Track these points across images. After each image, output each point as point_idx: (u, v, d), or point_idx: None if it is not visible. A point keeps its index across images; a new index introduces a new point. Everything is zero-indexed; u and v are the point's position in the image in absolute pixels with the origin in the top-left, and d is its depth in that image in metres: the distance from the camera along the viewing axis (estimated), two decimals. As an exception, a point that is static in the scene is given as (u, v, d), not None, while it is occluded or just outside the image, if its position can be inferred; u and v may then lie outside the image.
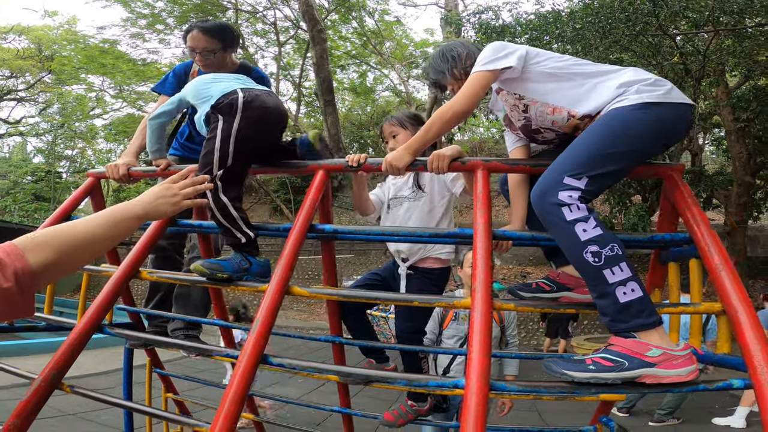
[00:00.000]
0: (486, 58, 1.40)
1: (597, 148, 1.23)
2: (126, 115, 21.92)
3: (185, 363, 6.23)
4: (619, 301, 1.13)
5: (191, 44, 2.18)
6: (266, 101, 1.65)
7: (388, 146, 1.96)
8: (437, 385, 1.16)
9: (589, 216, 1.16)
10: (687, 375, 1.10)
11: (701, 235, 1.33)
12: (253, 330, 1.22)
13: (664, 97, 1.26)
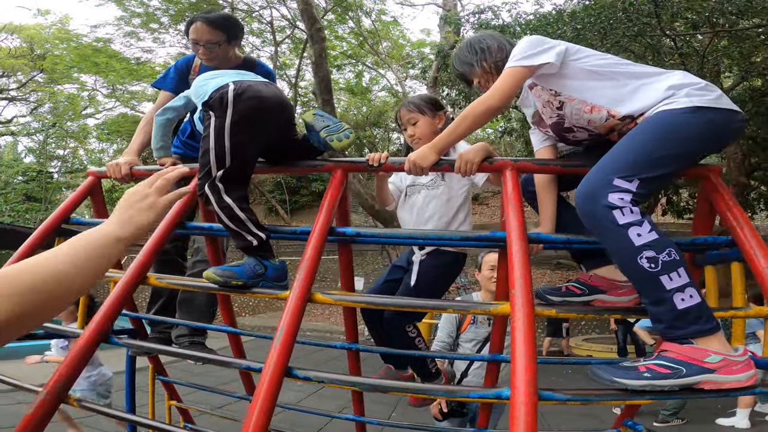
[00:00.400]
0: (522, 53, 1.35)
1: (648, 151, 1.18)
2: (119, 114, 21.62)
3: (180, 366, 6.11)
4: (677, 308, 1.07)
5: (194, 36, 2.10)
6: (261, 91, 1.53)
7: (407, 133, 1.86)
8: (479, 396, 1.08)
9: (643, 219, 1.11)
10: (747, 380, 1.06)
11: (745, 237, 1.28)
12: (277, 340, 1.14)
13: (715, 102, 1.23)
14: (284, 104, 1.61)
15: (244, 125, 1.47)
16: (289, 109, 1.66)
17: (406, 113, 1.85)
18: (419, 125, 1.82)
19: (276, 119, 1.56)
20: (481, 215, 19.47)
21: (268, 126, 1.54)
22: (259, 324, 11.51)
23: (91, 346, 1.39)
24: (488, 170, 1.48)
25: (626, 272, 1.15)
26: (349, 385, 1.16)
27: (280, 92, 1.63)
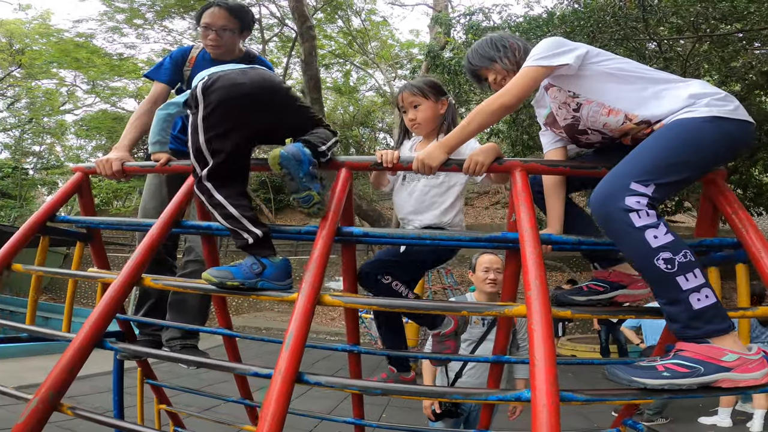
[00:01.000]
0: (541, 53, 1.35)
1: (666, 156, 1.19)
2: (99, 110, 21.08)
3: (164, 367, 5.96)
4: (692, 308, 1.09)
5: (208, 20, 2.05)
6: (235, 78, 1.43)
7: (407, 116, 1.81)
8: (498, 399, 1.07)
9: (659, 222, 1.12)
10: (762, 378, 1.08)
11: (751, 239, 1.29)
12: (287, 344, 1.10)
13: (733, 113, 1.25)
14: (264, 86, 1.46)
15: (217, 118, 1.40)
16: (276, 90, 1.50)
17: (408, 96, 1.80)
18: (421, 109, 1.78)
19: (256, 104, 1.45)
20: (466, 216, 19.57)
21: (248, 113, 1.43)
22: (242, 324, 11.34)
23: (85, 351, 1.32)
24: (497, 171, 1.47)
25: (643, 274, 1.16)
26: (360, 390, 1.13)
27: (262, 75, 1.49)
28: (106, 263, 2.08)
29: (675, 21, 6.82)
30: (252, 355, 7.53)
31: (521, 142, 8.51)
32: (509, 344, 2.65)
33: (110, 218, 1.97)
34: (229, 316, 1.98)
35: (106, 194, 21.74)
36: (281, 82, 1.54)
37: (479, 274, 2.51)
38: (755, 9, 6.13)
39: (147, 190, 2.33)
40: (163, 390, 2.57)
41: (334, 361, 7.48)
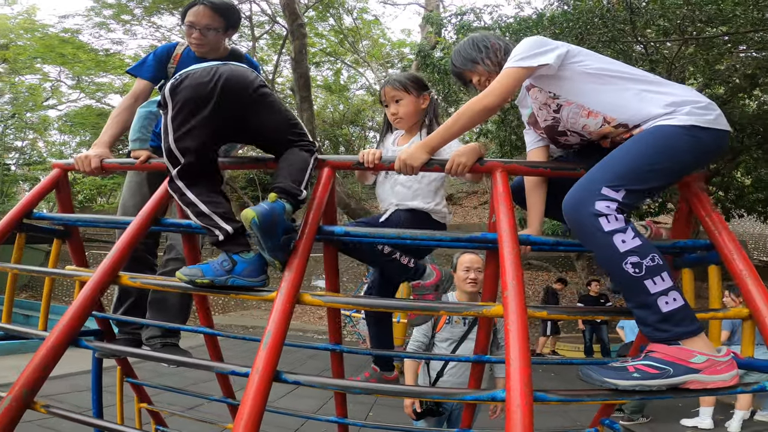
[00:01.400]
0: (522, 54, 1.34)
1: (640, 163, 1.20)
2: (84, 106, 20.74)
3: (146, 366, 5.89)
4: (661, 311, 1.10)
5: (192, 19, 2.01)
6: (201, 76, 1.40)
7: (389, 110, 1.82)
8: (474, 398, 1.08)
9: (627, 227, 1.13)
10: (730, 380, 1.10)
11: (724, 241, 1.32)
12: (265, 343, 1.10)
13: (713, 123, 1.25)
14: (232, 82, 1.42)
15: (183, 116, 1.39)
16: (245, 86, 1.45)
17: (390, 90, 1.81)
18: (403, 104, 1.79)
19: (222, 100, 1.41)
20: (454, 215, 19.70)
21: (213, 110, 1.40)
22: (229, 323, 11.25)
23: (59, 349, 1.30)
24: (479, 171, 1.48)
25: (612, 278, 1.17)
26: (339, 389, 1.13)
27: (232, 70, 1.45)
28: (84, 261, 2.05)
29: (662, 23, 6.93)
30: (237, 354, 7.47)
31: (509, 142, 8.58)
32: (490, 343, 2.68)
33: (88, 215, 1.94)
34: (210, 314, 1.96)
35: (90, 191, 21.39)
36: (254, 79, 1.49)
37: (460, 273, 2.52)
38: (741, 12, 6.21)
39: (127, 187, 2.30)
40: (144, 389, 2.54)
41: (321, 360, 7.46)
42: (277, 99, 1.54)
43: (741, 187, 11.83)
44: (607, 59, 1.40)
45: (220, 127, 1.46)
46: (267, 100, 1.51)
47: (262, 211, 1.23)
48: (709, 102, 1.30)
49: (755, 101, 10.64)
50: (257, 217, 1.22)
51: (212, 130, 1.44)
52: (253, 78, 1.48)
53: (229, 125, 1.49)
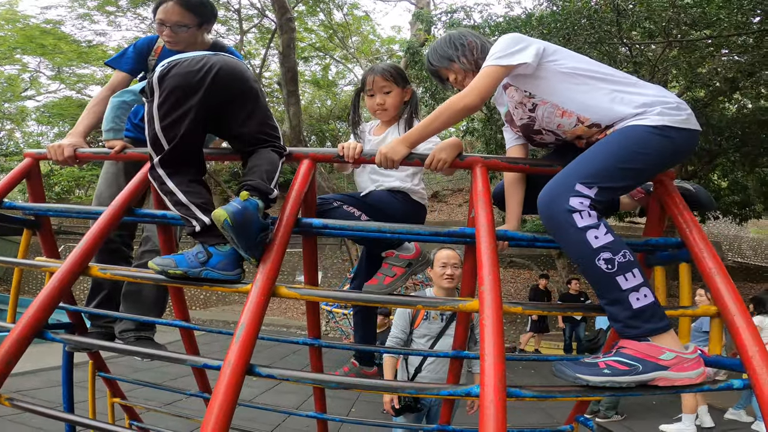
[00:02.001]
0: (499, 52, 1.34)
1: (612, 162, 1.22)
2: (63, 97, 20.27)
3: (122, 362, 5.78)
4: (632, 307, 1.11)
5: (162, 17, 1.95)
6: (191, 65, 1.37)
7: (375, 100, 1.80)
8: (449, 393, 1.07)
9: (600, 223, 1.14)
10: (697, 377, 1.11)
11: (694, 239, 1.33)
12: (238, 336, 1.08)
13: (684, 123, 1.27)
14: (224, 71, 1.40)
15: (171, 104, 1.36)
16: (236, 78, 1.44)
17: (380, 80, 1.79)
18: (391, 95, 1.79)
19: (212, 89, 1.38)
20: (439, 212, 19.79)
21: (201, 98, 1.38)
22: (210, 318, 11.11)
23: (24, 342, 1.25)
24: (458, 166, 1.48)
25: (585, 274, 1.18)
26: (314, 383, 1.12)
27: (225, 60, 1.42)
28: (55, 252, 1.98)
29: (647, 26, 7.04)
30: (217, 349, 7.39)
31: (495, 140, 8.65)
32: (468, 339, 2.70)
33: (60, 205, 1.88)
34: (186, 307, 1.93)
35: (68, 182, 20.88)
36: (247, 72, 1.48)
37: (437, 269, 2.53)
38: (725, 15, 6.33)
39: (103, 178, 2.24)
40: (118, 384, 2.48)
41: (304, 356, 7.41)
42: (264, 96, 1.53)
43: (717, 189, 12.16)
44: (583, 59, 1.40)
45: (206, 115, 1.44)
46: (255, 96, 1.49)
47: (234, 211, 1.20)
48: (679, 102, 1.31)
49: (735, 105, 10.93)
50: (229, 217, 1.19)
51: (199, 120, 1.42)
52: (246, 71, 1.47)
53: (213, 116, 1.46)
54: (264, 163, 1.42)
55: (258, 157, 1.45)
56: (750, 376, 1.10)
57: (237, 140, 1.54)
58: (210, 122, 1.47)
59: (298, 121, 9.73)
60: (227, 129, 1.53)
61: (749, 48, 7.16)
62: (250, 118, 1.48)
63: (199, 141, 1.48)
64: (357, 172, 1.86)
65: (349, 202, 1.66)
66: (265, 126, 1.51)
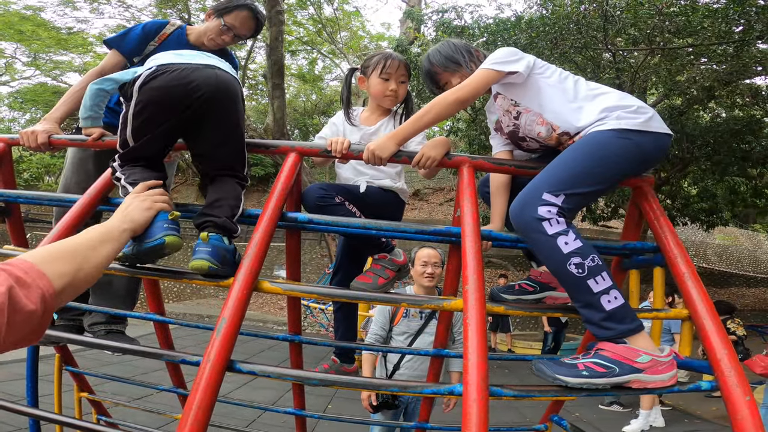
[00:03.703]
0: (498, 59, 1.42)
1: (574, 169, 1.26)
2: (38, 83, 19.53)
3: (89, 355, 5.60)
4: (605, 309, 1.14)
5: (236, 24, 1.97)
6: (175, 79, 1.30)
7: (388, 85, 1.76)
8: (432, 392, 1.08)
9: (569, 229, 1.19)
10: (669, 380, 1.14)
11: (669, 245, 1.37)
12: (218, 331, 1.05)
13: (644, 125, 1.31)
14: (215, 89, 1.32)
15: (146, 118, 1.33)
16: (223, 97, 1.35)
17: (403, 68, 1.79)
18: (404, 87, 1.80)
19: (188, 110, 1.32)
20: (420, 211, 19.89)
21: (178, 115, 1.33)
22: (184, 311, 10.88)
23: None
24: (446, 166, 1.48)
25: (559, 279, 1.22)
26: (296, 380, 1.10)
27: (218, 77, 1.34)
28: (24, 241, 1.90)
29: (632, 32, 7.21)
30: (190, 344, 7.25)
31: (479, 141, 8.73)
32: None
33: (31, 192, 1.80)
34: (161, 300, 1.88)
35: (37, 169, 20.14)
36: (234, 96, 1.39)
37: (417, 267, 2.54)
38: (709, 24, 6.51)
39: (70, 163, 2.14)
40: (85, 378, 2.40)
41: (280, 351, 7.36)
42: (243, 122, 1.44)
43: (687, 196, 12.59)
44: (566, 73, 1.49)
45: (179, 129, 1.40)
46: (236, 123, 1.41)
47: (209, 256, 1.20)
48: (639, 106, 1.35)
49: (709, 113, 11.30)
50: (212, 263, 1.19)
51: (173, 133, 1.40)
52: (235, 97, 1.39)
53: (186, 128, 1.41)
54: (230, 197, 1.37)
55: (222, 189, 1.39)
56: (718, 378, 1.13)
57: (202, 160, 1.47)
58: (180, 132, 1.42)
59: (282, 114, 9.61)
60: (195, 146, 1.46)
61: (728, 57, 7.40)
62: (223, 144, 1.41)
63: (167, 146, 1.45)
64: (339, 164, 1.83)
65: (350, 198, 1.64)
66: (236, 155, 1.43)
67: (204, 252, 1.20)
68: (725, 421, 4.98)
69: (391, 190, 1.77)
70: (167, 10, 15.52)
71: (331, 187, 1.65)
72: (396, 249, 1.66)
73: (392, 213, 1.75)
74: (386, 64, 1.76)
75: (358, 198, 1.67)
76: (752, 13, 6.15)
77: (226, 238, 1.28)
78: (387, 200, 1.76)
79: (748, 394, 1.08)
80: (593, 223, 12.35)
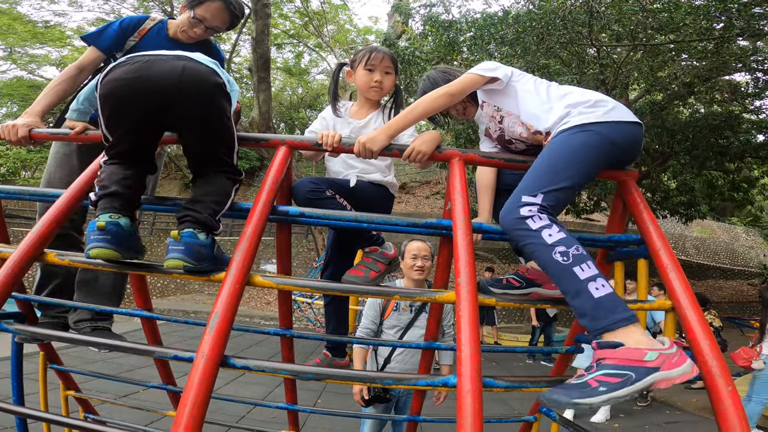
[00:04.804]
0: (482, 67, 1.57)
1: (546, 169, 1.33)
2: (13, 77, 18.99)
3: (73, 353, 5.50)
4: (593, 297, 1.14)
5: (206, 16, 1.92)
6: (127, 73, 1.24)
7: (373, 76, 1.80)
8: (426, 384, 1.09)
9: (552, 224, 1.23)
10: (691, 370, 1.09)
11: (653, 237, 1.40)
12: (212, 326, 1.04)
13: (604, 116, 1.36)
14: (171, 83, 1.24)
15: (106, 113, 1.31)
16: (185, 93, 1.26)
17: (388, 60, 1.81)
18: (390, 78, 1.83)
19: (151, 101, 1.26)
20: (407, 204, 19.94)
21: (143, 117, 1.29)
22: (168, 307, 10.73)
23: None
24: (437, 159, 1.49)
25: (547, 270, 1.23)
26: (290, 375, 1.10)
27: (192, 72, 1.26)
28: (5, 236, 1.85)
29: (616, 28, 7.31)
30: (176, 340, 7.17)
31: (466, 135, 8.78)
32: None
33: (13, 186, 1.75)
34: (148, 296, 1.85)
35: (14, 164, 19.61)
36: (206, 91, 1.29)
37: (407, 260, 2.55)
38: (691, 21, 6.63)
39: (54, 158, 2.09)
40: (71, 376, 2.36)
41: (268, 347, 7.33)
42: (229, 113, 1.37)
43: (667, 189, 12.88)
44: (540, 79, 1.61)
45: (152, 126, 1.35)
46: (215, 120, 1.35)
47: (183, 255, 1.19)
48: (598, 99, 1.42)
49: (689, 109, 11.55)
50: (186, 262, 1.18)
51: (149, 125, 1.34)
52: (208, 90, 1.30)
53: (161, 125, 1.37)
54: (215, 193, 1.34)
55: (208, 184, 1.36)
56: (701, 368, 1.15)
57: (186, 155, 1.43)
58: (158, 125, 1.38)
59: (268, 107, 9.50)
60: (181, 140, 1.42)
61: (709, 54, 7.55)
62: (203, 139, 1.35)
63: (148, 140, 1.40)
64: (327, 154, 1.82)
65: (341, 192, 1.64)
66: (221, 150, 1.37)
67: (177, 251, 1.19)
68: (706, 413, 5.11)
69: (380, 185, 1.78)
70: (149, 3, 15.16)
71: (322, 181, 1.65)
72: (386, 242, 1.68)
73: (382, 207, 1.76)
74: (371, 56, 1.80)
75: (348, 192, 1.68)
76: (733, 11, 6.28)
77: (203, 233, 1.25)
78: (377, 194, 1.77)
79: (730, 384, 1.09)
80: (576, 216, 12.56)
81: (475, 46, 7.81)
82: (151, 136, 1.40)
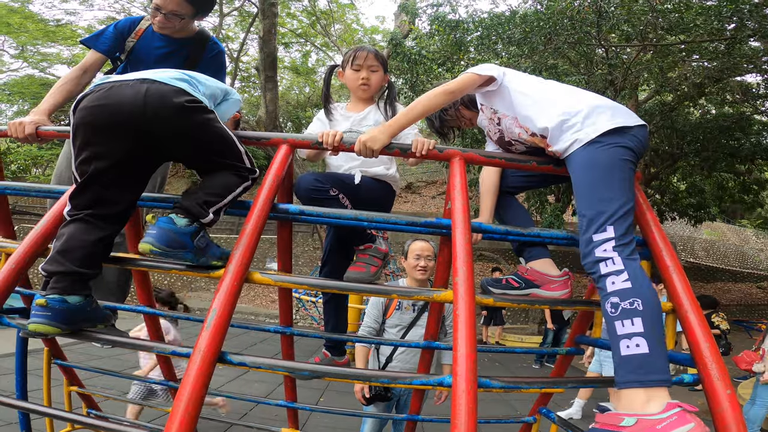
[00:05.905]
0: (478, 68, 1.59)
1: (593, 198, 1.28)
2: (25, 75, 19.28)
3: (78, 349, 5.56)
4: (620, 354, 1.13)
5: (160, 2, 1.91)
6: (99, 99, 1.19)
7: (360, 75, 1.83)
8: (422, 383, 1.08)
9: (624, 270, 1.19)
10: None
11: (656, 238, 1.39)
12: (209, 323, 1.05)
13: (611, 123, 1.34)
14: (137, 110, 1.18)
15: (77, 141, 1.23)
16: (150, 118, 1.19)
17: (372, 58, 1.84)
18: (377, 75, 1.85)
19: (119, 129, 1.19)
20: (413, 204, 19.91)
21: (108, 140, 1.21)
22: (175, 305, 10.81)
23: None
24: (438, 158, 1.49)
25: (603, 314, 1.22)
26: (287, 372, 1.10)
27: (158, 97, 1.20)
28: (11, 232, 1.87)
29: (626, 29, 7.23)
30: (183, 337, 7.21)
31: (472, 134, 8.75)
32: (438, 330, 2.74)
33: (18, 183, 1.78)
34: (152, 293, 1.87)
35: (24, 161, 19.91)
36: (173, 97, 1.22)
37: (410, 260, 2.55)
38: (701, 22, 6.54)
39: (64, 156, 2.15)
40: (75, 372, 2.39)
41: (272, 345, 7.35)
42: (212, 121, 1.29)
43: (676, 191, 12.73)
44: (534, 78, 1.61)
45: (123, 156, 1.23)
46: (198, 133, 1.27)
47: (154, 239, 1.17)
48: (594, 105, 1.39)
49: (699, 110, 11.40)
50: (153, 247, 1.16)
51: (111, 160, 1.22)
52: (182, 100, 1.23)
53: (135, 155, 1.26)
54: (212, 186, 1.30)
55: (209, 179, 1.32)
56: (700, 370, 1.15)
57: (187, 168, 1.42)
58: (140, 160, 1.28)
59: (275, 106, 9.52)
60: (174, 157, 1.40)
61: (720, 54, 7.44)
62: (195, 156, 1.32)
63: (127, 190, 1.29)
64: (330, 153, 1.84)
65: (344, 189, 1.66)
66: (216, 156, 1.31)
67: (148, 235, 1.18)
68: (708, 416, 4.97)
69: (383, 180, 1.79)
70: (157, 1, 15.25)
71: (326, 179, 1.66)
72: (378, 238, 1.69)
73: (383, 204, 1.77)
74: (356, 55, 1.85)
75: (352, 189, 1.69)
76: (745, 11, 6.20)
77: (186, 220, 1.21)
78: (379, 191, 1.79)
79: (729, 387, 1.09)
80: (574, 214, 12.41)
81: (482, 45, 7.78)
82: (130, 179, 1.28)
